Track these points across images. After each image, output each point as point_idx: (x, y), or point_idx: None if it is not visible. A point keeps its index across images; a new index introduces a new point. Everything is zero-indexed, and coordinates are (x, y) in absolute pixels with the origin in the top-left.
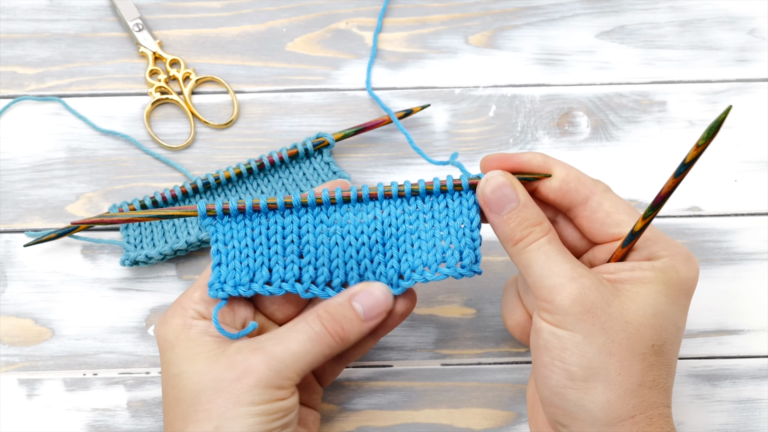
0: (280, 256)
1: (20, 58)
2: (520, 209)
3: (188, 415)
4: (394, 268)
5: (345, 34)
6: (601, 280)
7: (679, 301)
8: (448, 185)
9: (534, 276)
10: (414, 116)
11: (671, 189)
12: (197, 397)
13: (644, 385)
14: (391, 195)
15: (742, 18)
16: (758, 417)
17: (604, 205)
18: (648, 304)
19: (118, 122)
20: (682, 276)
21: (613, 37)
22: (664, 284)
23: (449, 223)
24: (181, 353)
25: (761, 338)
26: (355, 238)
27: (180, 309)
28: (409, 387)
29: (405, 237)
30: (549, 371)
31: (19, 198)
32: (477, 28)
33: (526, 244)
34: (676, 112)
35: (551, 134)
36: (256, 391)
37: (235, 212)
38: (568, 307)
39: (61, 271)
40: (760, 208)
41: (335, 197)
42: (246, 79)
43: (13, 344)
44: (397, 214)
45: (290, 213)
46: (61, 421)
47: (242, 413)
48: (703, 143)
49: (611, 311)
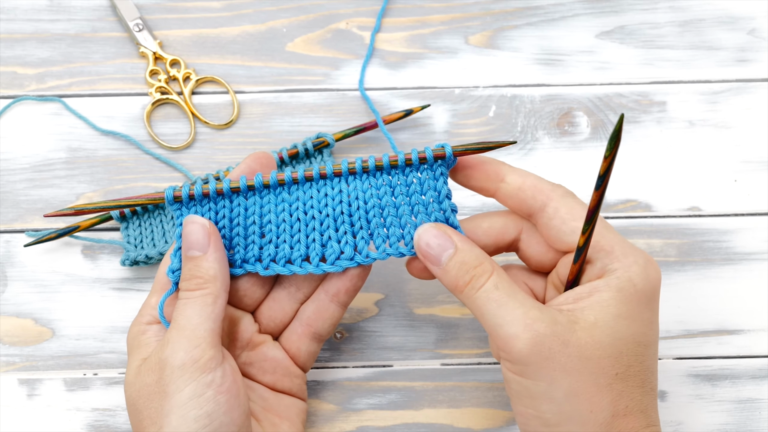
0: (241, 237)
1: (20, 58)
2: (458, 255)
3: (139, 423)
4: (364, 239)
5: (345, 34)
6: (555, 320)
7: (641, 317)
8: (413, 159)
9: (488, 325)
10: (414, 116)
11: (597, 203)
12: (136, 406)
13: (618, 415)
14: (355, 172)
15: (742, 18)
16: (758, 417)
17: (560, 212)
18: (605, 334)
19: (118, 122)
20: (639, 288)
21: (613, 37)
22: (622, 303)
23: (418, 199)
24: (128, 367)
25: (761, 338)
26: (318, 212)
27: (138, 317)
28: (409, 387)
29: (374, 211)
30: (525, 419)
31: (20, 198)
32: (477, 28)
33: (472, 290)
34: (675, 113)
35: (551, 134)
36: (175, 376)
37: (200, 197)
38: (526, 357)
39: (62, 271)
40: (760, 208)
41: (297, 177)
42: (246, 79)
43: (14, 344)
44: (363, 188)
45: (252, 194)
46: (62, 421)
47: (174, 404)
48: (609, 155)
49: (569, 351)
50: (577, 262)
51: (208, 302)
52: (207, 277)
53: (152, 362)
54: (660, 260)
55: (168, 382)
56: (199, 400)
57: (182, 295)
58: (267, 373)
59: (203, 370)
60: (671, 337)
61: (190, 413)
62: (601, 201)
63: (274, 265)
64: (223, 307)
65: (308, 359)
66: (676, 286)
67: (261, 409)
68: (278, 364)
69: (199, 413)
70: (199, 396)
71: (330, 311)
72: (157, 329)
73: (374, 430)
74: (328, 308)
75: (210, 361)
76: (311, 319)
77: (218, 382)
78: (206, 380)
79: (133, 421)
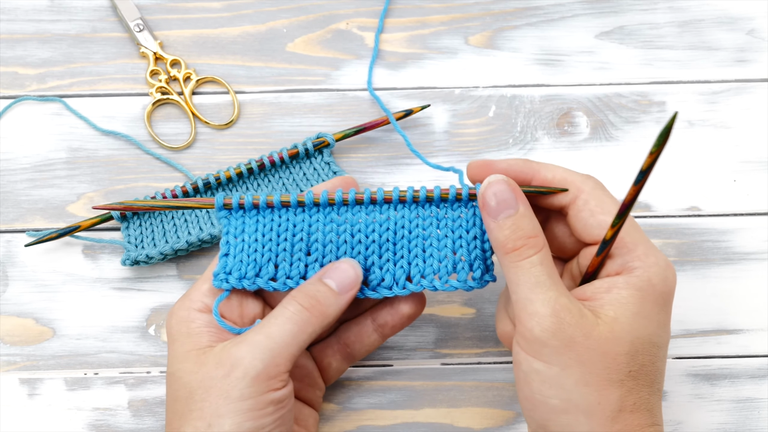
0: (288, 253)
1: (21, 58)
2: (518, 218)
3: (184, 414)
4: (403, 269)
5: (345, 34)
6: (582, 312)
7: (657, 318)
8: (464, 194)
9: (519, 296)
10: (414, 116)
11: (633, 197)
12: (191, 396)
13: (625, 410)
14: (405, 200)
15: (741, 18)
16: (757, 416)
17: (589, 204)
18: (625, 331)
19: (118, 122)
20: (657, 290)
21: (613, 37)
22: (641, 303)
23: (462, 234)
24: (178, 350)
25: (760, 338)
26: (365, 236)
27: (187, 301)
28: (409, 386)
29: (417, 241)
30: (531, 404)
31: (20, 198)
32: (477, 29)
33: (517, 257)
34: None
35: (551, 134)
36: (245, 383)
37: (249, 207)
38: (547, 339)
39: (62, 271)
40: (759, 208)
41: (348, 198)
42: (246, 80)
43: (15, 344)
44: (411, 218)
45: (302, 211)
46: (62, 420)
47: (233, 409)
48: (655, 150)
49: (589, 344)
50: (601, 254)
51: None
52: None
53: (223, 357)
54: None
55: (235, 385)
56: (259, 413)
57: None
58: (295, 379)
59: (273, 387)
60: (671, 337)
61: (246, 423)
62: (637, 196)
63: None
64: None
65: (334, 375)
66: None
67: None
68: (307, 374)
69: (255, 425)
70: (260, 409)
71: (371, 339)
72: (207, 320)
73: (374, 429)
74: (371, 336)
75: (281, 381)
76: (350, 340)
77: (283, 403)
78: (272, 397)
79: (179, 406)
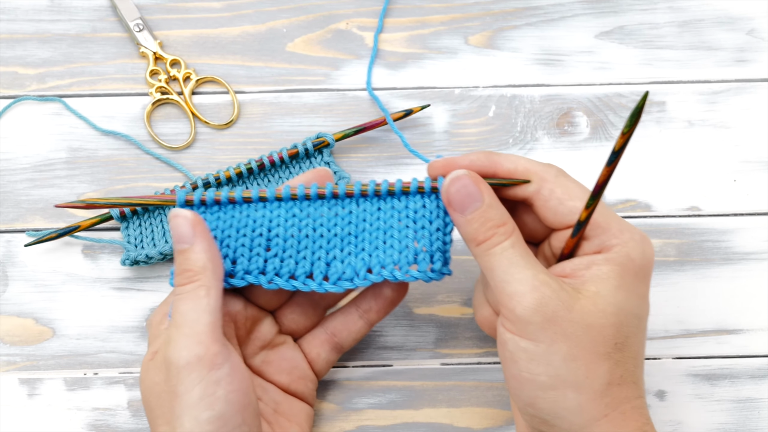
0: (246, 248)
1: (21, 58)
2: (485, 210)
3: (153, 420)
4: (364, 261)
5: (345, 34)
6: (562, 286)
7: (637, 291)
8: (426, 187)
9: (496, 281)
10: (414, 116)
11: (606, 178)
12: (149, 406)
13: (613, 383)
14: (367, 194)
15: (741, 18)
16: (757, 416)
17: (556, 192)
18: (608, 303)
19: (118, 122)
20: (637, 263)
21: (613, 37)
22: (621, 277)
23: (425, 225)
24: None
25: (760, 338)
26: (327, 230)
27: (162, 304)
28: (409, 386)
29: (378, 234)
30: (518, 383)
31: (20, 198)
32: (477, 29)
33: (489, 246)
34: (675, 112)
35: (551, 134)
36: (183, 375)
37: (211, 203)
38: (530, 316)
39: (62, 271)
40: (760, 207)
41: (310, 193)
42: (246, 80)
43: (14, 344)
44: (372, 211)
45: (263, 207)
46: (62, 420)
47: (185, 405)
48: (627, 131)
49: (572, 317)
50: (576, 236)
51: (201, 294)
52: (196, 269)
53: (159, 360)
54: (659, 260)
55: (176, 382)
56: (209, 399)
57: (175, 290)
58: (284, 372)
59: (210, 367)
60: (671, 337)
61: (203, 415)
62: (610, 176)
63: (278, 279)
64: (218, 299)
65: (325, 366)
66: (675, 285)
67: (272, 411)
68: (296, 366)
69: (212, 414)
70: (209, 396)
71: (357, 326)
72: None
73: (374, 429)
74: (356, 323)
75: (216, 357)
76: (337, 329)
77: (228, 380)
78: (215, 378)
79: (148, 416)
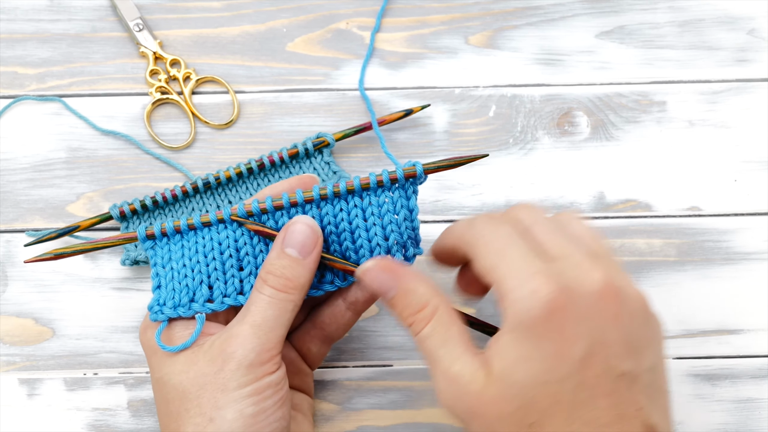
0: (219, 272)
1: (21, 58)
2: (399, 298)
3: (180, 414)
4: None
5: (345, 34)
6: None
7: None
8: (384, 180)
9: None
10: (414, 116)
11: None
12: (185, 396)
13: None
14: (326, 197)
15: (742, 18)
16: (758, 416)
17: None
18: (512, 383)
19: (118, 122)
20: (525, 324)
21: (613, 37)
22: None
23: (391, 219)
24: (163, 356)
25: (761, 338)
26: None
27: None
28: (409, 386)
29: (345, 235)
30: None
31: (20, 198)
32: (477, 28)
33: (413, 333)
34: (675, 112)
35: (551, 134)
36: (240, 373)
37: (172, 232)
38: (452, 411)
39: (62, 271)
40: (760, 208)
41: (266, 207)
42: (246, 79)
43: (14, 344)
44: (335, 212)
45: (224, 228)
46: (62, 420)
47: (232, 398)
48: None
49: (485, 410)
50: None
51: (289, 309)
52: (297, 284)
53: (214, 354)
54: (660, 260)
55: (231, 377)
56: (258, 397)
57: (267, 291)
58: None
59: (269, 371)
60: (671, 337)
61: (248, 409)
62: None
63: None
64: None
65: (317, 359)
66: (676, 285)
67: None
68: (290, 363)
69: (257, 410)
70: (259, 394)
71: (345, 318)
72: (183, 324)
73: (374, 429)
74: (344, 315)
75: (275, 365)
76: (325, 323)
77: (280, 385)
78: (269, 381)
79: (173, 408)
